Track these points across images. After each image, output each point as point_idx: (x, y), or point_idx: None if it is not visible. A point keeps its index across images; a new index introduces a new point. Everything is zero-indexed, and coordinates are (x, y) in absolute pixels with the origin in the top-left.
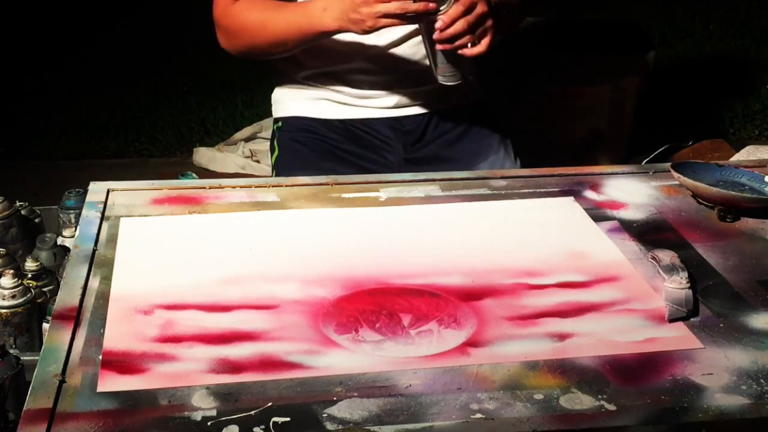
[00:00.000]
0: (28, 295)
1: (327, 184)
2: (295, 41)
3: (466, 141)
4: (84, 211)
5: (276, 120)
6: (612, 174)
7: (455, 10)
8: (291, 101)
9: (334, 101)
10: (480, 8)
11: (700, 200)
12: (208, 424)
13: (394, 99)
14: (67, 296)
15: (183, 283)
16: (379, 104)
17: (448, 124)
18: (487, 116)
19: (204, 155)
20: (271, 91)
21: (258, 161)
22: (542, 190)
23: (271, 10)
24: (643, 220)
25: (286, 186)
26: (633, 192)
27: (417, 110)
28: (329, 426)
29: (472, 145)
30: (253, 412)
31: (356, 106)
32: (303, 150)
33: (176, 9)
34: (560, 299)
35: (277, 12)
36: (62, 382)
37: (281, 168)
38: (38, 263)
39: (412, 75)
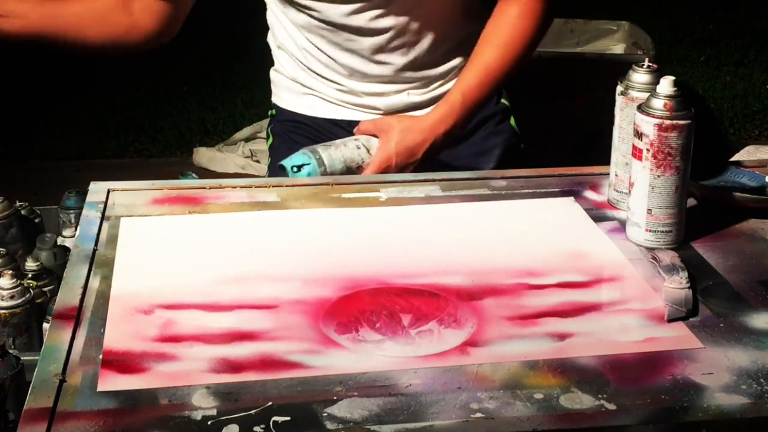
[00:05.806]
0: (27, 296)
1: (327, 184)
2: None
3: (465, 146)
4: (84, 211)
5: (272, 105)
6: None
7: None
8: (283, 91)
9: (321, 98)
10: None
11: (701, 200)
12: (209, 423)
13: (384, 102)
14: (67, 296)
15: (183, 283)
16: (368, 107)
17: None
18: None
19: (204, 155)
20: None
21: (258, 161)
22: (542, 190)
23: None
24: None
25: (286, 186)
26: None
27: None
28: (329, 425)
29: (471, 150)
30: (253, 412)
31: (343, 106)
32: (296, 142)
33: None
34: (560, 299)
35: None
36: (62, 381)
37: (276, 157)
38: (38, 263)
39: (401, 78)
